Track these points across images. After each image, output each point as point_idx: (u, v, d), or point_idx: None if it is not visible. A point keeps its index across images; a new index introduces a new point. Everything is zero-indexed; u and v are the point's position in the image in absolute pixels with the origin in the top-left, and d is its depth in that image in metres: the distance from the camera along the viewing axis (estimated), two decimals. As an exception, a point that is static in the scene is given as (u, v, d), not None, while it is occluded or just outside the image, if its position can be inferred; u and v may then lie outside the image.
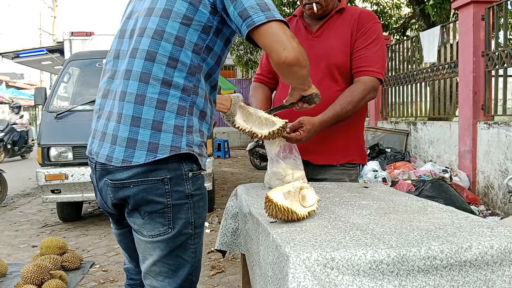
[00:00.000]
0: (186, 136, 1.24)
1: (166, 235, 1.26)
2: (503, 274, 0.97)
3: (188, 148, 1.24)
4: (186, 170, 1.26)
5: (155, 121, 1.21)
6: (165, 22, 1.22)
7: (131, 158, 1.20)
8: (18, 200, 6.73)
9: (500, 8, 4.62)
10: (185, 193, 1.27)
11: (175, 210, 1.25)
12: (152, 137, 1.20)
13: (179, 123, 1.23)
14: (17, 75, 28.94)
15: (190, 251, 1.31)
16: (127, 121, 1.21)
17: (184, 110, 1.24)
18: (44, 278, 2.75)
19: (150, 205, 1.24)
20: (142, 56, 1.22)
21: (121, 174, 1.22)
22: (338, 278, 0.90)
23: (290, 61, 1.17)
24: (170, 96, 1.22)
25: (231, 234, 1.75)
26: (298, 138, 1.65)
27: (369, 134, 6.64)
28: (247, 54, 11.75)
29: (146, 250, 1.29)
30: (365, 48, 1.79)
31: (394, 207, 1.35)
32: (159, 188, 1.22)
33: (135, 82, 1.22)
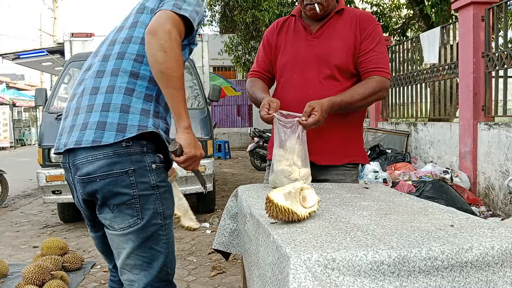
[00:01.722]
0: (152, 118, 1.34)
1: (136, 226, 1.31)
2: (505, 275, 0.97)
3: (154, 128, 1.33)
4: (149, 162, 1.33)
5: (123, 105, 1.31)
6: (133, 30, 1.41)
7: (101, 138, 1.28)
8: (19, 201, 6.73)
9: (500, 9, 4.62)
10: (151, 184, 1.33)
11: (142, 201, 1.31)
12: (120, 119, 1.30)
13: (146, 107, 1.34)
14: (17, 76, 28.96)
15: (162, 242, 1.36)
16: (98, 108, 1.32)
17: (151, 97, 1.36)
18: (45, 278, 2.75)
19: (117, 197, 1.30)
20: (114, 57, 1.38)
21: (87, 168, 1.29)
22: (339, 279, 0.90)
23: (148, 28, 1.28)
24: (138, 85, 1.35)
25: (229, 234, 1.75)
26: (315, 120, 1.61)
27: (369, 135, 6.65)
28: (245, 55, 11.74)
29: (119, 245, 1.35)
30: (372, 50, 1.81)
31: (394, 208, 1.35)
32: (124, 180, 1.29)
33: (107, 77, 1.36)
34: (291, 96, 1.86)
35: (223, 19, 11.86)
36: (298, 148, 1.63)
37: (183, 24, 1.33)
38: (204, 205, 5.26)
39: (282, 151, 1.65)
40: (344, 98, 1.72)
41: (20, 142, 20.58)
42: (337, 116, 1.80)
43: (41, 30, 28.37)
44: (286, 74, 1.91)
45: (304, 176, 1.64)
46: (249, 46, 11.18)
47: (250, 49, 11.25)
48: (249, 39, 11.00)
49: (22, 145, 20.59)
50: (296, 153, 1.63)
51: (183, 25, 1.33)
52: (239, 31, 11.11)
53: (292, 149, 1.63)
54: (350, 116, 1.86)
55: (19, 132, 21.03)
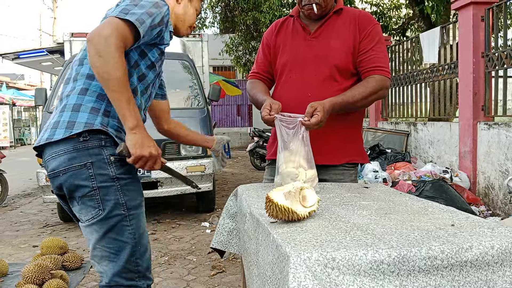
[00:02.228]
0: (101, 117, 1.41)
1: (98, 217, 1.38)
2: (504, 275, 0.97)
3: (101, 126, 1.40)
4: (107, 155, 1.40)
5: (75, 104, 1.41)
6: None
7: (53, 135, 1.39)
8: (19, 200, 6.73)
9: (499, 9, 4.62)
10: (110, 176, 1.39)
11: (102, 192, 1.38)
12: (71, 117, 1.40)
13: (96, 106, 1.42)
14: (17, 76, 28.95)
15: (128, 232, 1.40)
16: (57, 110, 1.45)
17: (103, 97, 1.42)
18: (45, 277, 2.74)
19: (79, 189, 1.38)
20: (77, 64, 1.50)
21: (52, 164, 1.40)
22: (338, 278, 0.90)
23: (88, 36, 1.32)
24: (92, 86, 1.43)
25: (227, 233, 1.75)
26: (318, 120, 1.60)
27: (369, 134, 6.65)
28: (245, 55, 11.74)
29: (87, 235, 1.43)
30: (371, 49, 1.81)
31: (394, 208, 1.35)
32: (84, 173, 1.37)
33: (70, 84, 1.48)
34: (290, 97, 1.86)
35: (223, 20, 11.86)
36: (303, 149, 1.62)
37: (129, 28, 1.35)
38: (204, 205, 5.26)
39: (287, 153, 1.64)
40: (345, 98, 1.72)
41: (20, 142, 20.57)
42: (336, 116, 1.80)
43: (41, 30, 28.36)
44: (285, 75, 1.91)
45: (311, 178, 1.63)
46: (250, 46, 11.19)
47: (250, 49, 11.25)
48: (250, 39, 11.01)
49: (22, 144, 20.58)
50: (302, 155, 1.62)
51: (129, 29, 1.35)
52: (240, 31, 11.11)
53: (297, 151, 1.62)
54: (349, 116, 1.86)
55: (19, 132, 21.02)
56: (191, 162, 4.77)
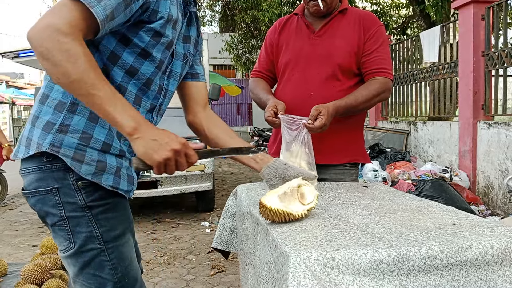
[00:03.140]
0: (54, 134, 1.11)
1: (69, 250, 1.16)
2: (504, 274, 0.97)
3: (50, 148, 1.10)
4: (73, 180, 1.13)
5: (34, 116, 1.16)
6: None
7: (17, 152, 1.18)
8: (19, 200, 6.73)
9: (500, 8, 4.62)
10: (79, 205, 1.14)
11: (72, 223, 1.14)
12: (29, 132, 1.16)
13: (52, 120, 1.12)
14: (17, 75, 28.96)
15: (107, 269, 1.16)
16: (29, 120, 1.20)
17: (63, 106, 1.12)
18: (44, 277, 2.74)
19: (48, 217, 1.16)
20: None
21: (24, 181, 1.19)
22: (338, 277, 0.90)
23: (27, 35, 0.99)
24: (54, 91, 1.14)
25: (228, 233, 1.75)
26: (322, 124, 1.61)
27: (369, 134, 6.64)
28: (245, 54, 11.75)
29: (66, 266, 1.21)
30: (375, 51, 1.81)
31: (394, 207, 1.35)
32: (51, 199, 1.14)
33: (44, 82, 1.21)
34: (292, 95, 1.85)
35: (223, 19, 11.86)
36: (304, 152, 1.63)
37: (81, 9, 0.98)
38: (203, 204, 5.25)
39: (288, 154, 1.64)
40: (348, 101, 1.72)
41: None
42: (339, 117, 1.79)
43: (40, 29, 28.27)
44: (287, 73, 1.91)
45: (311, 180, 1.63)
46: (250, 44, 11.19)
47: (250, 47, 11.25)
48: (250, 37, 11.01)
49: (22, 144, 20.57)
50: (303, 157, 1.63)
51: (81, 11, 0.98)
52: (240, 30, 11.11)
53: (298, 153, 1.63)
54: (351, 117, 1.86)
55: (18, 131, 21.02)
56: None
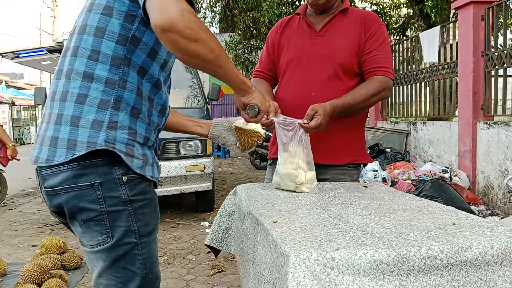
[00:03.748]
0: (106, 131, 1.14)
1: (105, 244, 1.17)
2: (504, 274, 0.97)
3: (106, 144, 1.13)
4: (119, 174, 1.16)
5: (73, 117, 1.15)
6: (88, 16, 1.18)
7: (53, 157, 1.15)
8: (18, 200, 6.73)
9: (499, 8, 4.62)
10: (122, 199, 1.17)
11: (112, 218, 1.16)
12: (70, 134, 1.14)
13: (99, 118, 1.14)
14: (17, 75, 28.93)
15: (138, 262, 1.21)
16: (53, 120, 1.18)
17: (107, 104, 1.15)
18: (44, 277, 2.74)
19: (83, 212, 1.16)
20: (69, 54, 1.19)
21: (52, 180, 1.17)
22: (338, 278, 0.90)
23: (162, 25, 1.00)
24: (92, 90, 1.15)
25: (223, 232, 1.74)
26: (317, 124, 1.61)
27: (369, 134, 6.64)
28: (244, 54, 11.74)
29: (90, 261, 1.22)
30: (375, 49, 1.80)
31: (394, 207, 1.35)
32: (90, 194, 1.14)
33: (62, 80, 1.19)
34: (293, 95, 1.85)
35: (223, 20, 11.85)
36: (302, 151, 1.63)
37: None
38: (203, 204, 5.25)
39: (286, 155, 1.64)
40: (346, 100, 1.72)
41: (19, 141, 20.56)
42: (339, 117, 1.79)
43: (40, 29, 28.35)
44: (288, 72, 1.91)
45: (310, 179, 1.63)
46: (249, 45, 11.18)
47: (250, 48, 11.25)
48: (249, 38, 11.00)
49: (21, 144, 20.57)
50: (301, 157, 1.63)
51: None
52: (239, 30, 11.11)
53: (296, 152, 1.63)
54: (352, 117, 1.85)
55: (18, 131, 21.01)
56: (191, 161, 4.77)
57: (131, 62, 1.17)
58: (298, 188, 1.63)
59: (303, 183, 1.62)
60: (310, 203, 1.42)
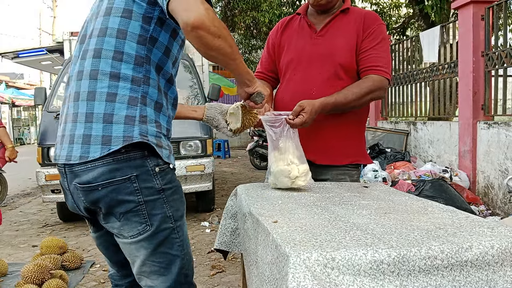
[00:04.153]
0: (139, 125, 1.23)
1: (146, 233, 1.26)
2: (505, 274, 0.97)
3: (141, 137, 1.22)
4: (151, 166, 1.26)
5: (106, 114, 1.22)
6: (107, 19, 1.26)
7: (87, 153, 1.21)
8: (18, 200, 6.73)
9: (499, 8, 4.62)
10: (156, 189, 1.26)
11: (149, 207, 1.25)
12: (104, 130, 1.21)
13: (130, 113, 1.23)
14: (17, 75, 28.93)
15: (177, 245, 1.31)
16: (82, 119, 1.24)
17: (135, 100, 1.24)
18: (44, 277, 2.75)
19: (122, 205, 1.23)
20: (90, 56, 1.26)
21: (87, 176, 1.22)
22: (338, 278, 0.90)
23: (193, 23, 1.10)
24: (120, 88, 1.23)
25: (230, 233, 1.74)
26: (302, 121, 1.62)
27: (369, 134, 6.64)
28: (245, 54, 11.74)
29: (131, 252, 1.29)
30: (372, 48, 1.80)
31: (394, 207, 1.35)
32: (128, 187, 1.22)
33: (86, 81, 1.25)
34: (294, 94, 1.85)
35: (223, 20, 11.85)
36: (291, 146, 1.63)
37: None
38: (203, 204, 5.25)
39: (277, 152, 1.65)
40: (338, 98, 1.71)
41: (19, 141, 20.57)
42: (339, 115, 1.79)
43: (40, 29, 28.35)
44: (289, 72, 1.91)
45: (304, 172, 1.63)
46: (250, 45, 11.18)
47: (250, 48, 11.25)
48: (250, 37, 11.00)
49: (22, 144, 20.59)
50: (291, 151, 1.63)
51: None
52: (240, 30, 11.11)
53: (286, 148, 1.63)
54: (352, 117, 1.85)
55: (18, 131, 21.03)
56: (191, 161, 4.77)
57: (150, 60, 1.26)
58: (294, 183, 1.63)
59: (298, 176, 1.62)
60: (310, 203, 1.42)
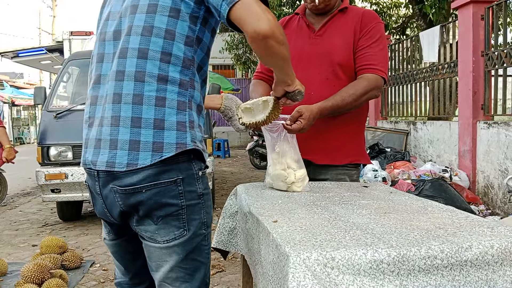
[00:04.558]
0: (189, 131, 1.20)
1: (182, 238, 1.21)
2: (505, 274, 0.97)
3: (193, 144, 1.20)
4: (196, 169, 1.23)
5: (156, 120, 1.16)
6: (153, 18, 1.18)
7: (136, 161, 1.15)
8: (18, 200, 6.73)
9: (499, 8, 4.62)
10: (197, 193, 1.23)
11: (189, 211, 1.21)
12: (155, 137, 1.16)
13: (181, 119, 1.19)
14: (16, 75, 28.92)
15: (205, 252, 1.27)
16: (127, 123, 1.17)
17: (184, 105, 1.20)
18: (44, 277, 2.75)
19: (163, 208, 1.19)
20: (134, 55, 1.18)
21: (130, 178, 1.17)
22: (338, 277, 0.90)
23: (265, 33, 1.10)
24: (168, 92, 1.18)
25: (228, 233, 1.74)
26: (300, 127, 1.61)
27: (368, 133, 6.65)
28: (245, 53, 11.74)
29: (161, 257, 1.23)
30: (368, 47, 1.79)
31: (394, 207, 1.35)
32: (173, 190, 1.18)
33: (130, 82, 1.18)
34: None
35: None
36: (289, 151, 1.63)
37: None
38: (203, 204, 5.24)
39: (275, 155, 1.65)
40: (335, 102, 1.71)
41: (19, 141, 20.57)
42: (338, 115, 1.79)
43: (40, 29, 28.33)
44: None
45: (301, 178, 1.64)
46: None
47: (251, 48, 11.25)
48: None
49: (21, 143, 20.58)
50: (289, 156, 1.63)
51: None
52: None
53: (284, 152, 1.63)
54: (351, 115, 1.85)
55: (18, 131, 21.02)
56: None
57: (195, 62, 1.23)
58: (289, 188, 1.63)
59: (294, 182, 1.62)
60: (310, 203, 1.42)
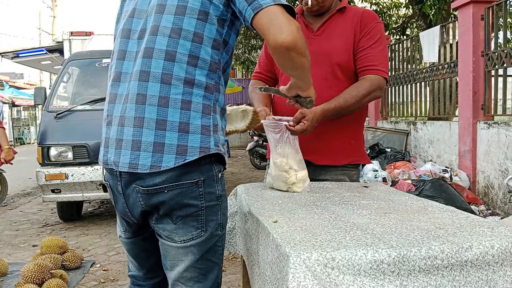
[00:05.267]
0: (213, 135, 1.21)
1: (199, 238, 1.22)
2: (505, 274, 0.97)
3: (216, 148, 1.21)
4: (216, 171, 1.25)
5: (181, 123, 1.17)
6: (181, 20, 1.18)
7: (160, 163, 1.16)
8: (19, 200, 6.73)
9: (499, 8, 4.62)
10: (216, 195, 1.25)
11: (208, 212, 1.23)
12: (180, 140, 1.17)
13: (205, 123, 1.20)
14: (16, 75, 28.93)
15: (218, 253, 1.29)
16: (151, 125, 1.17)
17: (209, 109, 1.21)
18: (44, 277, 2.75)
19: (184, 209, 1.20)
20: (161, 57, 1.18)
21: (153, 179, 1.18)
22: (338, 278, 0.90)
23: (288, 44, 1.10)
24: (194, 96, 1.19)
25: (227, 233, 1.75)
26: (303, 128, 1.61)
27: (369, 133, 6.64)
28: (245, 53, 11.75)
29: (176, 257, 1.25)
30: (369, 47, 1.78)
31: (394, 207, 1.35)
32: (194, 191, 1.20)
33: (156, 84, 1.17)
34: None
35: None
36: (291, 152, 1.63)
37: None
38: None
39: (276, 156, 1.65)
40: (337, 104, 1.71)
41: (19, 141, 20.57)
42: (338, 117, 1.79)
43: (40, 29, 28.32)
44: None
45: (302, 179, 1.64)
46: (250, 44, 11.19)
47: (250, 47, 11.26)
48: (250, 37, 11.01)
49: (22, 143, 20.58)
50: (291, 157, 1.63)
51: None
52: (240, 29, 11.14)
53: (286, 153, 1.63)
54: (351, 117, 1.85)
55: (18, 131, 21.02)
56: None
57: (221, 65, 1.24)
58: (290, 189, 1.63)
59: (295, 183, 1.62)
60: (310, 203, 1.42)
